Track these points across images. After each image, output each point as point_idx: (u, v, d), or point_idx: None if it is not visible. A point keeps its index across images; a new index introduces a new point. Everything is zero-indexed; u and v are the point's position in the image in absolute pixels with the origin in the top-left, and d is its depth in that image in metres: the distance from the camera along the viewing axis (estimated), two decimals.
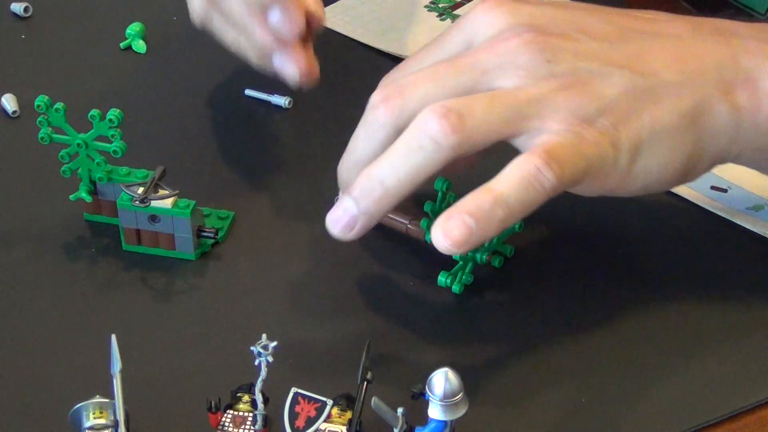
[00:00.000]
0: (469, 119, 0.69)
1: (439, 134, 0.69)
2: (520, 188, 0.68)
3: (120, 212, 0.79)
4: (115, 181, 0.80)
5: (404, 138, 0.70)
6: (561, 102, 0.70)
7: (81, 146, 0.79)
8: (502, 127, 0.70)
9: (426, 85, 0.71)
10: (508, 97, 0.70)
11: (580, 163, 0.69)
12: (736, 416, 0.71)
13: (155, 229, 0.79)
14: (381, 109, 0.71)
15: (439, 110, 0.69)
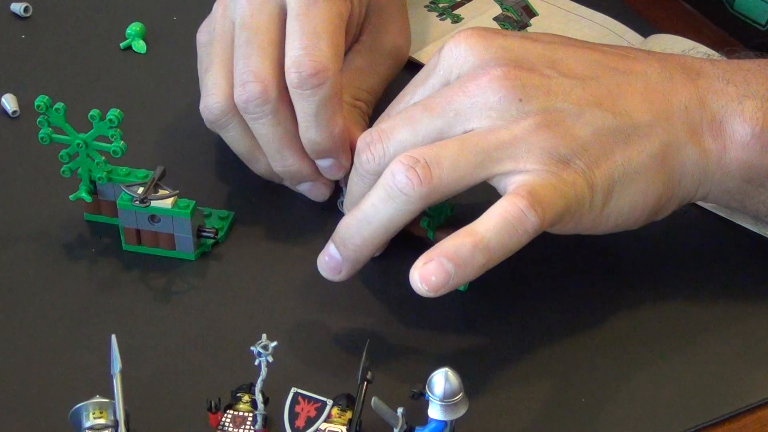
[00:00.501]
0: (437, 169, 0.69)
1: (407, 186, 0.70)
2: (502, 232, 0.69)
3: (120, 212, 0.79)
4: (115, 181, 0.80)
5: (376, 190, 0.71)
6: (535, 142, 0.70)
7: (81, 146, 0.79)
8: (473, 173, 0.70)
9: (403, 131, 0.72)
10: (478, 142, 0.70)
11: (560, 204, 0.70)
12: (736, 416, 0.72)
13: (155, 229, 0.79)
14: (365, 155, 0.73)
15: (407, 162, 0.70)
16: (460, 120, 0.71)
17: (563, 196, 0.69)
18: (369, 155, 0.72)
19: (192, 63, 0.97)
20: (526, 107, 0.70)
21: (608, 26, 0.99)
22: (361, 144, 0.73)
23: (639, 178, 0.72)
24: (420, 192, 0.70)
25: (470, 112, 0.71)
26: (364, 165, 0.73)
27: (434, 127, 0.71)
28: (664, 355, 0.74)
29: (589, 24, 1.00)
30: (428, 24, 1.00)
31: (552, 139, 0.70)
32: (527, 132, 0.70)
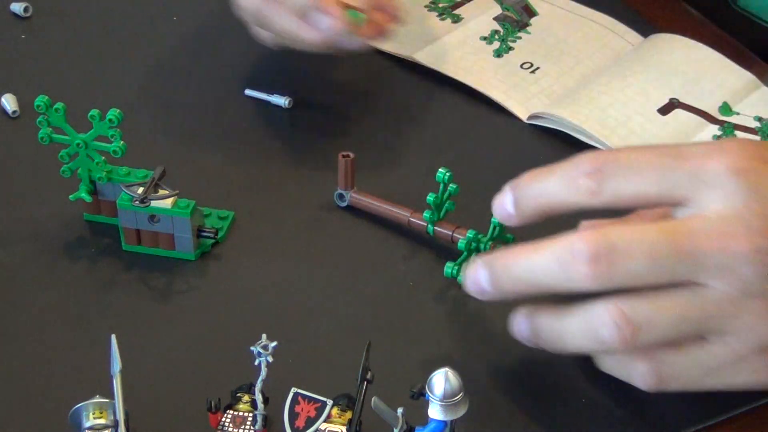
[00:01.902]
0: (645, 335, 0.66)
1: (607, 341, 0.66)
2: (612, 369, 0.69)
3: (120, 212, 0.79)
4: (115, 181, 0.80)
5: (577, 319, 0.68)
6: (754, 325, 0.66)
7: (81, 146, 0.79)
8: (676, 338, 0.67)
9: (638, 263, 0.65)
10: (701, 313, 0.66)
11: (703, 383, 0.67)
12: (736, 416, 0.71)
13: (155, 229, 0.79)
14: (585, 268, 0.65)
15: (620, 320, 0.65)
16: (700, 274, 0.65)
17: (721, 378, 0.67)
18: (593, 272, 0.65)
19: (192, 63, 0.98)
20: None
21: (608, 26, 1.00)
22: (586, 250, 0.65)
23: None
24: (616, 349, 0.67)
25: (715, 273, 0.65)
26: (580, 276, 0.66)
27: (674, 273, 0.65)
28: None
29: (589, 24, 1.00)
30: (428, 24, 1.01)
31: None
32: (753, 313, 0.65)
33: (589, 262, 0.65)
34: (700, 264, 0.65)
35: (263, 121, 0.92)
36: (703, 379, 0.68)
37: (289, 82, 0.95)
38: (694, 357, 0.67)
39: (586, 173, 0.67)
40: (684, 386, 0.68)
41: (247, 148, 0.90)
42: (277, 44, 0.90)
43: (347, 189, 0.83)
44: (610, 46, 0.98)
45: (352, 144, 0.85)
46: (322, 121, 0.92)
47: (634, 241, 0.65)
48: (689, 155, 0.67)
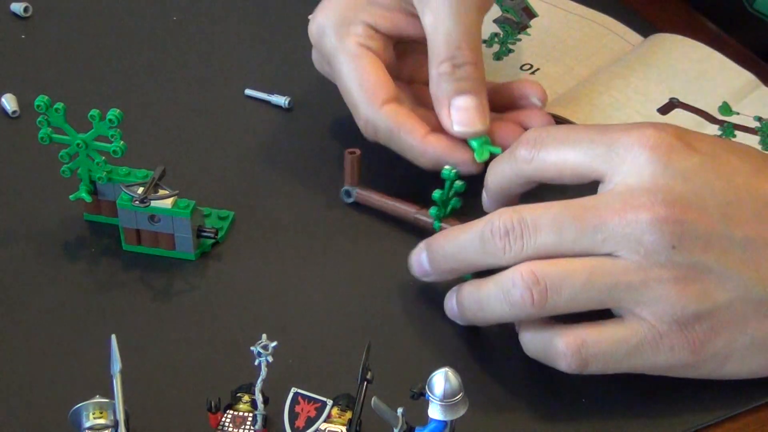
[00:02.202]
0: (554, 296, 0.68)
1: (519, 302, 0.69)
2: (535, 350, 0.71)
3: (120, 212, 0.79)
4: (115, 181, 0.80)
5: (495, 284, 0.71)
6: (663, 296, 0.67)
7: (81, 146, 0.79)
8: (587, 305, 0.69)
9: (547, 234, 0.69)
10: (608, 280, 0.68)
11: (624, 363, 0.69)
12: (736, 416, 0.71)
13: (155, 229, 0.79)
14: (502, 242, 0.70)
15: (529, 279, 0.68)
16: (606, 245, 0.68)
17: (638, 356, 0.69)
18: (507, 245, 0.70)
19: (192, 63, 0.98)
20: (676, 257, 0.67)
21: (608, 26, 1.00)
22: (502, 226, 0.70)
23: (765, 351, 0.70)
24: (529, 311, 0.69)
25: (619, 241, 0.68)
26: (497, 251, 0.70)
27: (579, 243, 0.68)
28: None
29: (589, 24, 1.00)
30: None
31: (684, 297, 0.67)
32: (663, 283, 0.67)
33: (502, 236, 0.70)
34: (603, 234, 0.68)
35: (263, 121, 0.92)
36: (625, 360, 0.69)
37: (289, 82, 0.95)
38: (612, 334, 0.69)
39: (522, 143, 0.73)
40: (605, 366, 0.70)
41: (247, 148, 0.90)
42: None
43: (353, 185, 0.83)
44: (610, 46, 0.98)
45: (352, 144, 0.85)
46: (322, 120, 0.92)
47: (542, 215, 0.70)
48: (611, 131, 0.71)
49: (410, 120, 0.82)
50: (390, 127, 0.82)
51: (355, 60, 0.83)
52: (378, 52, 0.84)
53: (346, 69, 0.83)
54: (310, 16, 0.86)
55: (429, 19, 0.81)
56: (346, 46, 0.83)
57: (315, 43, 0.86)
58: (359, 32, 0.83)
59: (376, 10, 0.84)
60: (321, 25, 0.85)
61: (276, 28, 1.01)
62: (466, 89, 0.81)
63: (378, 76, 0.83)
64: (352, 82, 0.83)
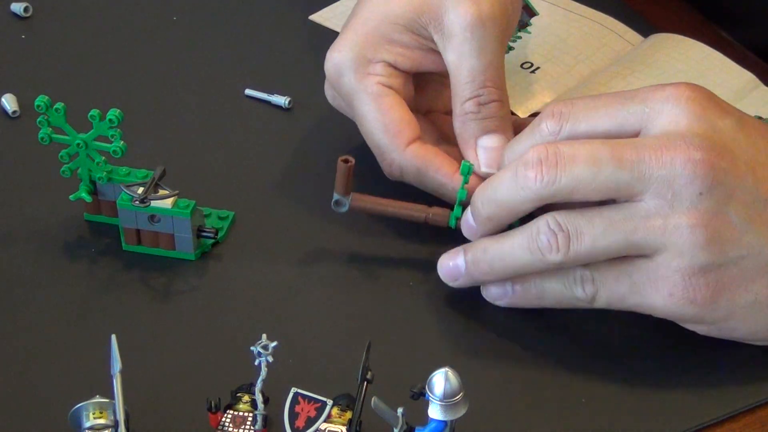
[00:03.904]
0: (576, 243, 0.70)
1: (545, 249, 0.71)
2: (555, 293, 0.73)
3: (120, 212, 0.79)
4: (115, 181, 0.80)
5: (522, 234, 0.72)
6: (680, 241, 0.68)
7: (81, 146, 0.79)
8: (608, 252, 0.70)
9: (582, 167, 0.70)
10: (629, 227, 0.69)
11: (632, 300, 0.71)
12: (736, 416, 0.71)
13: (155, 229, 0.79)
14: (533, 172, 0.70)
15: (553, 226, 0.70)
16: (639, 185, 0.69)
17: (642, 295, 0.70)
18: (539, 175, 0.70)
19: (192, 63, 0.98)
20: (701, 202, 0.68)
21: (608, 25, 1.00)
22: (533, 156, 0.71)
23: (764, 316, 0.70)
24: (554, 258, 0.70)
25: (652, 181, 0.69)
26: (528, 181, 0.71)
27: (614, 179, 0.69)
28: (665, 355, 0.74)
29: (589, 23, 1.00)
30: None
31: (697, 246, 0.68)
32: (683, 228, 0.68)
33: (536, 165, 0.70)
34: (637, 171, 0.69)
35: (263, 121, 0.92)
36: (627, 296, 0.71)
37: (289, 82, 0.95)
38: (623, 269, 0.71)
39: (545, 117, 0.73)
40: (609, 300, 0.72)
41: (248, 148, 0.90)
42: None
43: (346, 195, 0.81)
44: (610, 46, 0.98)
45: (352, 143, 0.85)
46: (322, 120, 0.92)
47: (579, 147, 0.70)
48: (640, 92, 0.72)
49: (438, 158, 0.80)
50: (417, 167, 0.80)
51: (377, 100, 0.81)
52: (398, 89, 0.82)
53: (368, 110, 0.81)
54: (327, 54, 0.83)
55: (452, 56, 0.80)
56: (367, 87, 0.81)
57: (333, 82, 0.83)
58: (379, 71, 0.81)
59: (395, 48, 0.82)
60: (338, 64, 0.82)
61: (276, 28, 1.01)
62: (492, 128, 0.80)
63: (402, 116, 0.81)
64: (376, 124, 0.81)
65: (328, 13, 1.02)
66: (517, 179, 0.71)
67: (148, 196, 0.78)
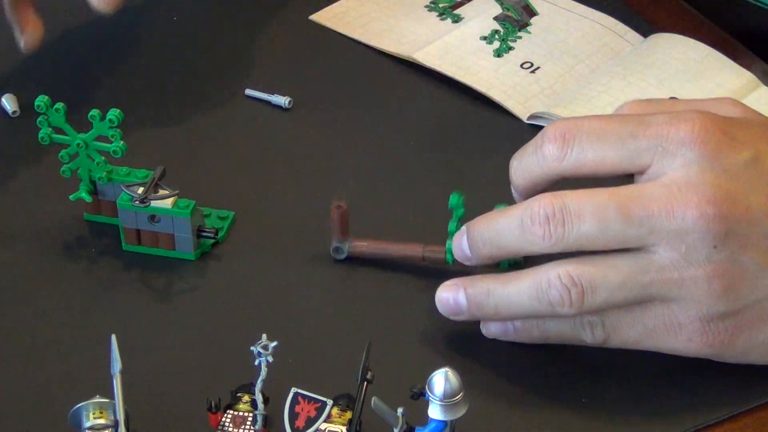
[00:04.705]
0: (590, 297, 0.69)
1: (556, 303, 0.69)
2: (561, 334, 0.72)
3: (120, 212, 0.79)
4: (115, 181, 0.80)
5: (530, 281, 0.70)
6: (697, 295, 0.68)
7: (81, 146, 0.79)
8: (621, 304, 0.69)
9: (589, 225, 0.68)
10: (644, 280, 0.68)
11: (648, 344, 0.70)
12: (736, 416, 0.71)
13: (155, 229, 0.79)
14: (540, 230, 0.69)
15: (567, 281, 0.68)
16: (649, 240, 0.68)
17: (659, 341, 0.70)
18: (546, 233, 0.69)
19: (192, 63, 0.98)
20: (715, 255, 0.67)
21: (608, 26, 1.00)
22: (541, 212, 0.69)
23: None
24: (566, 312, 0.69)
25: (663, 236, 0.67)
26: (536, 237, 0.69)
27: (623, 235, 0.68)
28: (664, 355, 0.74)
29: (589, 23, 1.00)
30: (428, 24, 1.00)
31: (714, 296, 0.67)
32: (698, 281, 0.67)
33: (543, 222, 0.69)
34: (647, 227, 0.67)
35: (263, 121, 0.92)
36: (643, 340, 0.70)
37: (289, 82, 0.95)
38: (637, 315, 0.69)
39: (549, 139, 0.71)
40: (624, 343, 0.71)
41: (248, 148, 0.90)
42: None
43: (344, 239, 0.79)
44: (610, 46, 0.98)
45: (352, 143, 0.85)
46: (322, 120, 0.92)
47: (586, 203, 0.68)
48: (652, 123, 0.69)
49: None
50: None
51: None
52: None
53: None
54: None
55: None
56: None
57: None
58: None
59: None
60: None
61: (276, 28, 1.01)
62: None
63: None
64: None
65: (328, 13, 1.02)
66: (524, 233, 0.70)
67: (148, 196, 0.78)
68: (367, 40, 0.99)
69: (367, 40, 0.99)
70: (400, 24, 1.00)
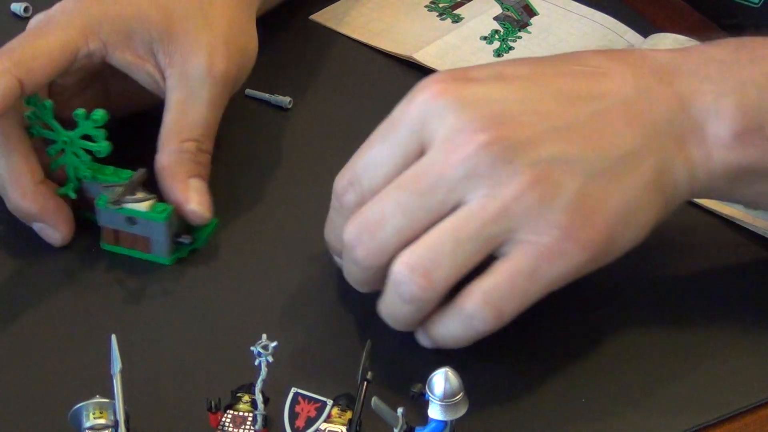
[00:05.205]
0: (437, 271, 0.68)
1: (415, 295, 0.69)
2: (451, 331, 0.71)
3: (98, 211, 0.79)
4: (99, 180, 0.80)
5: (390, 296, 0.70)
6: (525, 209, 0.68)
7: (67, 143, 0.79)
8: (473, 258, 0.69)
9: (395, 220, 0.69)
10: (472, 227, 0.68)
11: (532, 289, 0.69)
12: (736, 416, 0.71)
13: (133, 231, 0.79)
14: (359, 251, 0.70)
15: (406, 272, 0.69)
16: (452, 196, 0.69)
17: (540, 277, 0.69)
18: (363, 252, 0.70)
19: None
20: (516, 166, 0.68)
21: (608, 25, 1.00)
22: (352, 237, 0.71)
23: (639, 211, 0.70)
24: (428, 295, 0.69)
25: (462, 186, 0.68)
26: (361, 261, 0.71)
27: (427, 207, 0.69)
28: (664, 355, 0.74)
29: (589, 23, 1.00)
30: (428, 24, 1.00)
31: (542, 200, 0.68)
32: (517, 196, 0.68)
33: (355, 247, 0.71)
34: (444, 189, 0.68)
35: (263, 121, 0.92)
36: (531, 287, 0.69)
37: (289, 82, 0.95)
38: (507, 272, 0.69)
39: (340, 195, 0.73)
40: (519, 304, 0.70)
41: (248, 148, 0.90)
42: None
43: None
44: (610, 45, 0.98)
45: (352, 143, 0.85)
46: (322, 121, 0.92)
47: (383, 209, 0.70)
48: (396, 112, 0.72)
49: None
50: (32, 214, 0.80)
51: None
52: None
53: None
54: None
55: (180, 95, 0.81)
56: None
57: None
58: None
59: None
60: None
61: (276, 28, 1.01)
62: (203, 174, 0.82)
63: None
64: None
65: (328, 13, 1.02)
66: (350, 262, 0.72)
67: (121, 198, 0.78)
68: (367, 40, 0.99)
69: (367, 40, 0.99)
70: (400, 24, 1.00)
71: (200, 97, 0.82)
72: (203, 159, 0.82)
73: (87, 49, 0.80)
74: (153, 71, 0.82)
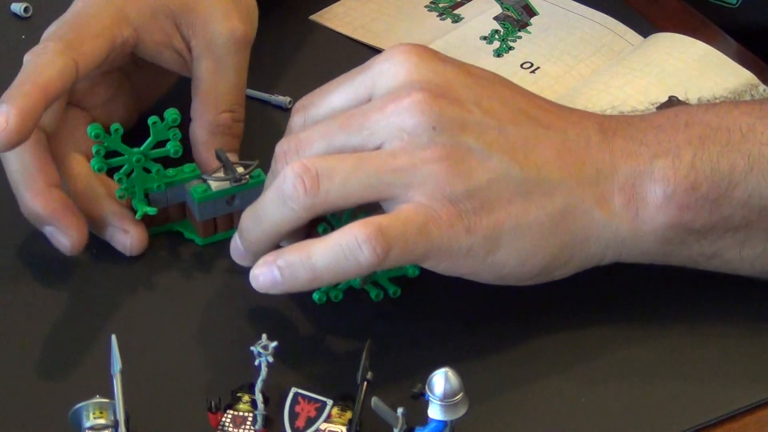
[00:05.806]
0: (327, 182, 0.69)
1: (293, 194, 0.70)
2: (332, 258, 0.69)
3: (199, 207, 0.79)
4: (176, 183, 0.79)
5: (270, 190, 0.71)
6: (430, 174, 0.69)
7: (140, 161, 0.78)
8: (362, 193, 0.70)
9: (318, 143, 0.72)
10: (376, 163, 0.70)
11: (419, 244, 0.69)
12: (736, 416, 0.71)
13: (231, 210, 0.79)
14: (280, 164, 0.72)
15: (299, 170, 0.70)
16: (373, 139, 0.71)
17: (428, 235, 0.69)
18: (284, 163, 0.72)
19: None
20: (438, 137, 0.70)
21: (608, 26, 1.00)
22: (278, 151, 0.73)
23: (532, 235, 0.71)
24: (304, 202, 0.70)
25: (384, 132, 0.70)
26: (279, 171, 0.72)
27: (349, 144, 0.71)
28: (664, 355, 0.74)
29: (589, 23, 1.00)
30: (428, 24, 1.01)
31: (449, 175, 0.69)
32: (428, 162, 0.69)
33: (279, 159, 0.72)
34: (368, 130, 0.71)
35: (263, 121, 0.92)
36: (420, 241, 0.69)
37: (289, 82, 0.95)
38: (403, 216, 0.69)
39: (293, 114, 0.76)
40: (405, 249, 0.69)
41: (248, 148, 0.90)
42: None
43: None
44: (610, 46, 0.98)
45: None
46: None
47: (313, 132, 0.72)
48: (367, 63, 0.75)
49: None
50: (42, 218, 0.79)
51: None
52: None
53: None
54: None
55: (210, 65, 0.82)
56: None
57: None
58: None
59: None
60: None
61: (276, 28, 1.01)
62: (237, 148, 0.84)
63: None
64: None
65: (328, 13, 1.02)
66: (272, 174, 0.73)
67: (238, 175, 0.79)
68: (367, 40, 0.99)
69: (367, 40, 0.99)
70: (400, 24, 1.01)
71: (228, 64, 0.83)
72: (237, 130, 0.84)
73: (122, 36, 0.81)
74: (180, 46, 0.83)
